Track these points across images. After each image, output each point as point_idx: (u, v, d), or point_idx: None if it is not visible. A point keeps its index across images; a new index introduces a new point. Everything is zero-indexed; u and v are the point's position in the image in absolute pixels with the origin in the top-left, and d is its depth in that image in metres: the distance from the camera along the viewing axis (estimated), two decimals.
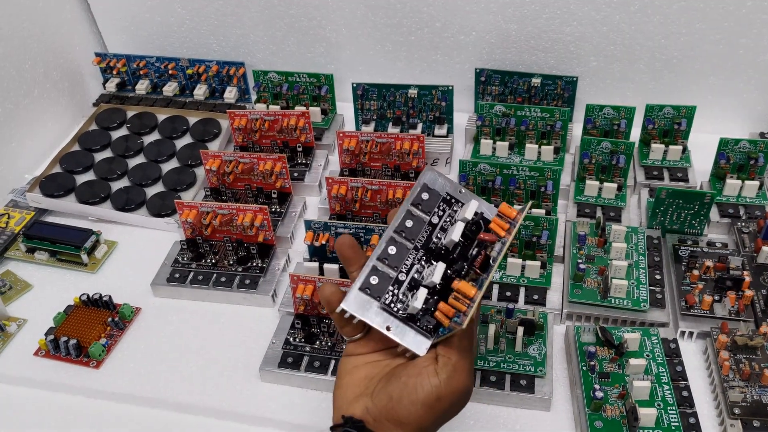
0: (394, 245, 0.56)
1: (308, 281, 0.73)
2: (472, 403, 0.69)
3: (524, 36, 0.98)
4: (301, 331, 0.74)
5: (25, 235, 0.88)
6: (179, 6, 1.07)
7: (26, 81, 1.01)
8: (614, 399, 0.66)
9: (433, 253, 0.57)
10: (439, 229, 0.58)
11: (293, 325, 0.75)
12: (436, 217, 0.58)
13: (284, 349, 0.73)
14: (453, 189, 0.60)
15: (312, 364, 0.71)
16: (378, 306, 0.55)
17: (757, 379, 0.67)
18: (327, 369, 0.71)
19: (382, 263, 0.56)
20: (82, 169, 0.97)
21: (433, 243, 0.58)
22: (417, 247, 0.57)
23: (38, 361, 0.76)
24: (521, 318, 0.72)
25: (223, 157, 0.89)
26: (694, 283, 0.76)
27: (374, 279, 0.55)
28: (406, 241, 0.57)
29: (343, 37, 1.04)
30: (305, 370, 0.71)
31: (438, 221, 0.58)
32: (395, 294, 0.56)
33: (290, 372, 0.71)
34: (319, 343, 0.73)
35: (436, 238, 0.58)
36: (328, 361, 0.72)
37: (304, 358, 0.72)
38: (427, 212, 0.58)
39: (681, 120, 0.91)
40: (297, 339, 0.74)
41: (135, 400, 0.73)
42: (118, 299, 0.81)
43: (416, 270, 0.57)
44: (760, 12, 0.88)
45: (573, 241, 0.81)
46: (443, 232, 0.58)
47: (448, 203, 0.59)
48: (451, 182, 0.59)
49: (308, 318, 0.74)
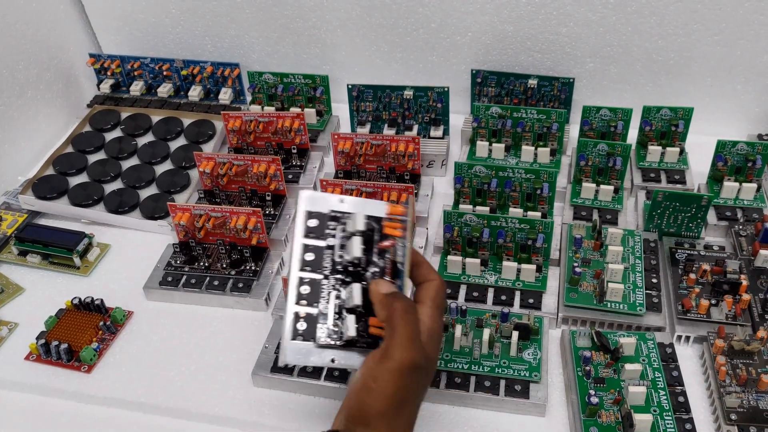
0: (305, 284, 0.57)
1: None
2: (467, 409, 0.69)
3: (520, 37, 0.97)
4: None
5: (17, 237, 0.87)
6: (174, 7, 1.06)
7: (19, 82, 1.00)
8: (609, 404, 0.65)
9: (345, 273, 0.58)
10: (339, 247, 0.58)
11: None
12: (331, 239, 0.58)
13: (277, 353, 0.72)
14: (334, 203, 0.59)
15: (305, 369, 0.71)
16: (316, 346, 0.55)
17: (754, 384, 0.66)
18: (320, 374, 0.70)
19: (301, 305, 0.56)
20: (76, 171, 0.96)
21: (340, 264, 0.58)
22: (327, 276, 0.57)
23: (29, 365, 0.75)
24: (516, 322, 0.71)
25: (216, 160, 0.88)
26: (690, 286, 0.75)
27: (301, 324, 0.55)
28: (315, 274, 0.57)
29: (339, 38, 1.04)
30: (298, 375, 0.70)
31: (335, 241, 0.58)
32: (327, 326, 0.56)
33: (283, 377, 0.71)
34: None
35: (340, 258, 0.58)
36: (321, 366, 0.71)
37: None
38: (321, 237, 0.58)
39: (678, 122, 0.91)
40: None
41: (127, 404, 0.72)
42: (110, 302, 0.80)
43: (336, 296, 0.57)
44: (758, 13, 0.88)
45: (569, 244, 0.80)
46: (343, 248, 0.58)
47: (335, 219, 0.59)
48: (327, 196, 0.60)
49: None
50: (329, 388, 0.70)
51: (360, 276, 0.57)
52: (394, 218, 0.58)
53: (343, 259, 0.58)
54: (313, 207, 0.59)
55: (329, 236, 0.58)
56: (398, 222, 0.58)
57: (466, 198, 0.87)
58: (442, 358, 0.70)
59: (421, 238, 0.84)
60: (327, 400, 0.70)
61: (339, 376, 0.70)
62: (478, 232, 0.78)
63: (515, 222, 0.77)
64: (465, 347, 0.71)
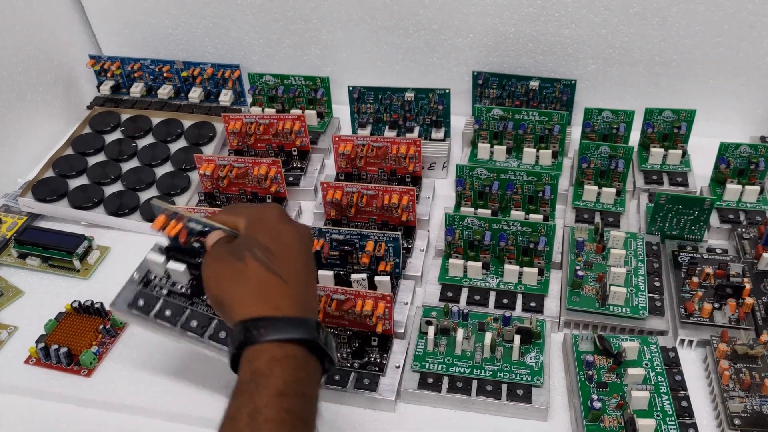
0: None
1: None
2: (468, 413, 0.68)
3: (522, 39, 0.97)
4: None
5: (16, 240, 0.87)
6: (174, 8, 1.06)
7: (19, 84, 1.00)
8: (612, 409, 0.65)
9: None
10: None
11: None
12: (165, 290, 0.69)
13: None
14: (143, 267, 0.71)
15: None
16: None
17: (758, 389, 0.66)
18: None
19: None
20: (76, 173, 0.96)
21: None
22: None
23: (29, 369, 0.75)
24: (518, 326, 0.71)
25: (217, 162, 0.88)
26: (693, 290, 0.75)
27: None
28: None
29: (339, 39, 1.03)
30: None
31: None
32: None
33: None
34: None
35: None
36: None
37: None
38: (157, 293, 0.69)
39: (681, 124, 0.90)
40: None
41: (126, 408, 0.72)
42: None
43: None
44: (761, 15, 0.87)
45: (571, 248, 0.80)
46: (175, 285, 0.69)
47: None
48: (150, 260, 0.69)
49: None
50: (331, 392, 0.69)
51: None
52: (167, 222, 0.66)
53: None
54: (152, 268, 0.69)
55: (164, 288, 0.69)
56: (173, 220, 0.65)
57: (467, 200, 0.86)
58: (444, 362, 0.70)
59: (422, 241, 0.84)
60: (327, 403, 0.70)
61: (340, 381, 0.69)
62: (479, 235, 0.78)
63: (517, 225, 0.77)
64: (467, 351, 0.71)
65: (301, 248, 0.57)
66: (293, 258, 0.56)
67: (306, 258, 0.57)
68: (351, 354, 0.71)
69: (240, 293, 0.54)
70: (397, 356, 0.71)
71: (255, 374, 0.49)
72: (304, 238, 0.58)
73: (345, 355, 0.71)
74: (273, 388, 0.48)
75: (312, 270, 0.58)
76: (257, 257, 0.54)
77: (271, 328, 0.51)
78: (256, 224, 0.58)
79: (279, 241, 0.56)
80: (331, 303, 0.71)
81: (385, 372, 0.70)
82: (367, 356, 0.71)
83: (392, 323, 0.72)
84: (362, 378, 0.69)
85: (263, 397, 0.48)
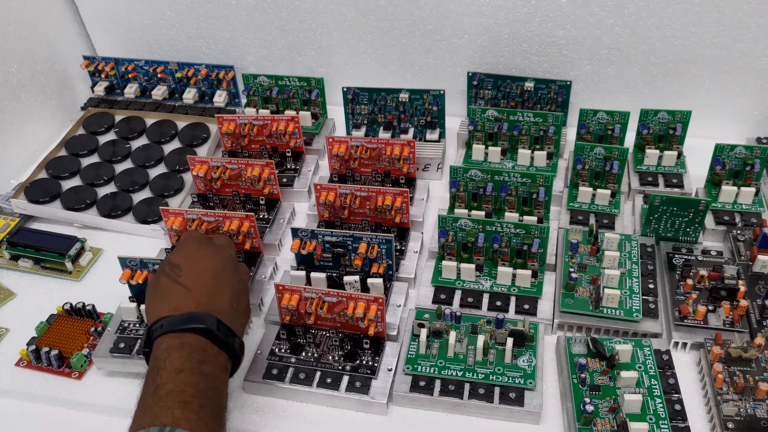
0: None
1: (294, 291, 0.71)
2: (461, 416, 0.68)
3: (517, 39, 0.96)
4: (287, 341, 0.73)
5: (8, 242, 0.86)
6: (168, 9, 1.05)
7: (12, 84, 0.99)
8: (605, 412, 0.65)
9: None
10: None
11: (279, 336, 0.73)
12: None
13: (269, 360, 0.71)
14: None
15: (297, 376, 0.70)
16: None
17: (752, 392, 0.65)
18: (312, 381, 0.70)
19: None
20: (69, 174, 0.96)
21: None
22: None
23: (19, 371, 0.75)
24: (511, 328, 0.70)
25: (210, 163, 0.87)
26: (688, 292, 0.75)
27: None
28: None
29: (334, 40, 1.03)
30: (290, 382, 0.70)
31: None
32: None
33: (275, 383, 0.70)
34: (305, 354, 0.72)
35: None
36: (313, 372, 0.70)
37: (289, 370, 0.71)
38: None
39: (676, 125, 0.90)
40: (282, 350, 0.72)
41: (117, 411, 0.71)
42: (102, 308, 0.79)
43: None
44: (756, 16, 0.87)
45: (565, 249, 0.80)
46: None
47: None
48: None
49: (294, 328, 0.73)
50: (322, 395, 0.69)
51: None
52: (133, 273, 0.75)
53: None
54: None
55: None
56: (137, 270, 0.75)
57: (461, 202, 0.86)
58: (436, 365, 0.69)
59: (416, 242, 0.84)
60: (318, 406, 0.70)
61: (332, 383, 0.69)
62: (473, 236, 0.78)
63: (511, 227, 0.77)
64: (459, 354, 0.70)
65: (212, 265, 0.67)
66: (202, 272, 0.65)
67: (218, 272, 0.66)
68: (343, 356, 0.71)
69: (151, 303, 0.65)
70: (389, 359, 0.71)
71: (156, 360, 0.58)
72: (219, 256, 0.69)
73: (337, 358, 0.71)
74: (171, 368, 0.56)
75: (228, 282, 0.66)
76: (166, 273, 0.65)
77: (167, 323, 0.60)
78: (175, 250, 0.70)
79: (190, 259, 0.67)
80: (323, 305, 0.70)
81: (377, 375, 0.70)
82: (358, 359, 0.71)
83: (384, 326, 0.71)
84: (354, 381, 0.69)
85: (163, 376, 0.56)
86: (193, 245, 0.70)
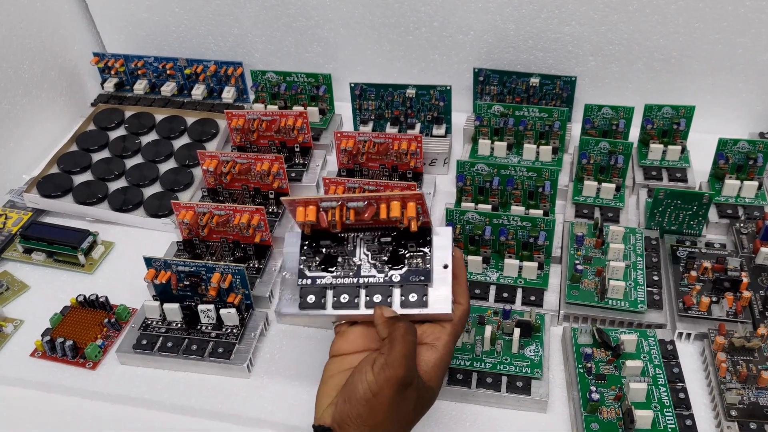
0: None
1: (309, 202, 0.60)
2: (468, 405, 0.69)
3: (522, 35, 0.97)
4: (315, 255, 0.63)
5: (22, 235, 0.87)
6: (177, 6, 1.07)
7: (24, 81, 1.01)
8: (611, 401, 0.66)
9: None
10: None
11: (303, 242, 0.63)
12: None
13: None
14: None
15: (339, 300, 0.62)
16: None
17: (754, 381, 0.66)
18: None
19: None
20: (80, 169, 0.97)
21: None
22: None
23: (34, 362, 0.76)
24: (518, 319, 0.72)
25: (220, 158, 0.89)
26: (691, 284, 0.76)
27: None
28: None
29: (341, 36, 1.04)
30: (333, 307, 0.61)
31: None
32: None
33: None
34: (340, 268, 0.62)
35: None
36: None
37: (328, 293, 0.62)
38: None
39: (680, 120, 0.91)
40: (313, 267, 0.63)
41: (131, 401, 0.72)
42: (114, 300, 0.81)
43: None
44: (759, 11, 0.88)
45: (571, 242, 0.81)
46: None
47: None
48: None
49: (321, 235, 0.63)
50: None
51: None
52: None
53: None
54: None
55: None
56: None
57: (468, 196, 0.87)
58: None
59: None
60: None
61: None
62: (480, 230, 0.79)
63: (517, 220, 0.78)
64: (467, 344, 0.71)
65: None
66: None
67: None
68: (386, 262, 0.61)
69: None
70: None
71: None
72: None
73: (380, 266, 0.62)
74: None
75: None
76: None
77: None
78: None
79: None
80: (349, 213, 0.61)
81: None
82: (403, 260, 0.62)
83: (429, 218, 0.61)
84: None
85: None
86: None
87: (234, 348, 0.74)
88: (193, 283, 0.76)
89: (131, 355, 0.74)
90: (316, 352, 0.75)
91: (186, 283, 0.76)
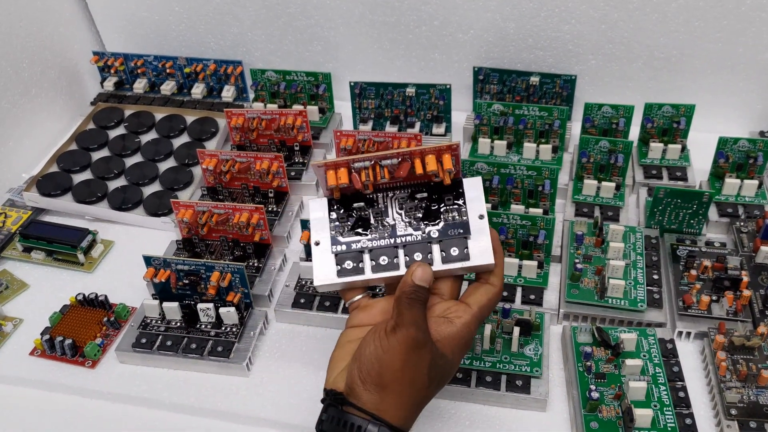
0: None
1: (339, 165, 0.58)
2: (468, 404, 0.69)
3: (522, 34, 0.97)
4: (347, 216, 0.61)
5: (21, 234, 0.87)
6: (177, 5, 1.07)
7: (23, 80, 1.01)
8: (610, 400, 0.66)
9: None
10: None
11: (330, 204, 0.61)
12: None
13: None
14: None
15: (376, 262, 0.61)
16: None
17: (754, 379, 0.66)
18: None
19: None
20: (79, 168, 0.97)
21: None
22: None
23: (34, 360, 0.76)
24: (517, 318, 0.71)
25: (219, 157, 0.89)
26: (691, 282, 0.76)
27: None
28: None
29: (341, 35, 1.04)
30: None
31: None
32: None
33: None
34: (374, 231, 0.61)
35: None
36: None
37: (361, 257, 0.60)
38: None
39: (680, 119, 0.91)
40: (345, 232, 0.61)
41: (130, 400, 0.72)
42: (114, 299, 0.80)
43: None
44: (759, 10, 0.88)
45: (570, 241, 0.81)
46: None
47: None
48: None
49: (349, 198, 0.61)
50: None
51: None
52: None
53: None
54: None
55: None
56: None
57: None
58: None
59: None
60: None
61: None
62: None
63: (517, 218, 0.78)
64: None
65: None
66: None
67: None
68: (421, 219, 0.59)
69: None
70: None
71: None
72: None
73: (415, 223, 0.60)
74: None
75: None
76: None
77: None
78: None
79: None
80: (383, 171, 0.58)
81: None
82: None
83: (459, 169, 0.59)
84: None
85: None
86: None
87: (233, 347, 0.74)
88: (193, 281, 0.76)
89: (130, 353, 0.74)
90: (316, 351, 0.75)
91: (185, 281, 0.76)
